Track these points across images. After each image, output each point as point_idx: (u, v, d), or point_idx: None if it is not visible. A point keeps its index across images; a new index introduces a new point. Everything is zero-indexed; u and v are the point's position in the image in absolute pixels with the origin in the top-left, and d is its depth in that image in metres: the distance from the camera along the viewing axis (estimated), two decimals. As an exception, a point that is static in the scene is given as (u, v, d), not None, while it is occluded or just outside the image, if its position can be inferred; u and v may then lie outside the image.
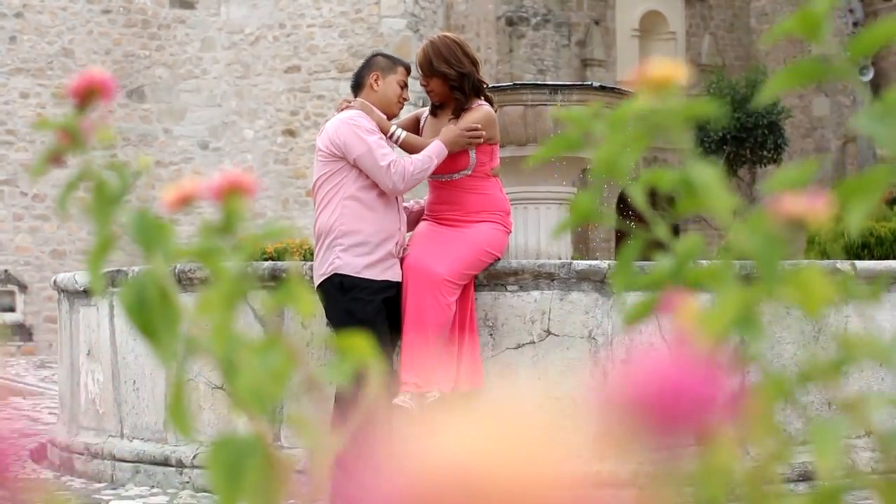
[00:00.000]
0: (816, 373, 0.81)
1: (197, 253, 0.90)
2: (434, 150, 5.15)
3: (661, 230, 0.92)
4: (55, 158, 1.02)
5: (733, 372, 0.74)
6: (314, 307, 0.86)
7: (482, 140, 5.23)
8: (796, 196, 0.82)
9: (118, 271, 6.08)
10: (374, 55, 5.55)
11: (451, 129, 5.22)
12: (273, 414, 0.83)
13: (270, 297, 0.90)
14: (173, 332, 0.86)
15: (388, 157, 5.05)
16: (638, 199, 0.94)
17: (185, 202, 0.95)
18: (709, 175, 0.87)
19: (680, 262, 0.89)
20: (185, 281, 5.80)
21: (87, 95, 1.01)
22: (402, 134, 5.28)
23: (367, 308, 5.01)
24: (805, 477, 5.23)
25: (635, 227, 0.98)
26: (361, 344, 0.86)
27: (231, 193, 0.93)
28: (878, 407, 0.79)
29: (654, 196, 0.96)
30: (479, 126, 5.21)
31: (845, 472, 0.77)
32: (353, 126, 5.11)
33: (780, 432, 0.78)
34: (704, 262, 0.94)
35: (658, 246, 0.94)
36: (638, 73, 0.90)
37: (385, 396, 5.01)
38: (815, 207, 0.82)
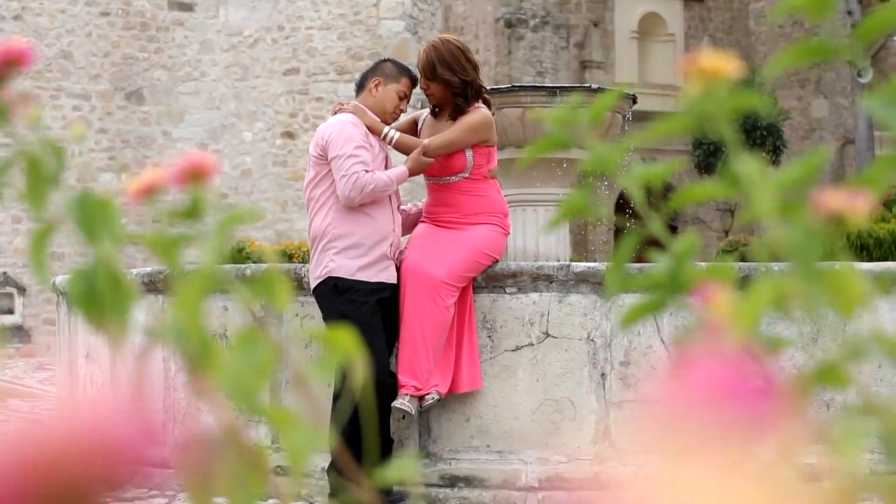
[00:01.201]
0: (827, 372, 0.81)
1: (153, 241, 0.87)
2: (395, 174, 5.15)
3: (656, 226, 0.92)
4: None
5: (772, 366, 0.73)
6: (289, 297, 0.83)
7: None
8: (836, 192, 0.82)
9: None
10: (384, 60, 5.53)
11: (417, 157, 5.22)
12: (254, 409, 0.81)
13: (248, 290, 0.88)
14: (125, 319, 0.82)
15: (351, 170, 5.03)
16: (634, 193, 0.93)
17: (151, 192, 0.92)
18: (753, 167, 0.86)
19: (677, 263, 0.89)
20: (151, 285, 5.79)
21: (6, 66, 0.98)
22: (396, 135, 5.27)
23: (361, 310, 5.01)
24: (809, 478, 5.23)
25: (633, 225, 0.98)
26: (346, 340, 0.85)
27: (194, 177, 0.90)
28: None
29: (651, 194, 0.96)
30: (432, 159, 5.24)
31: (861, 472, 0.77)
32: (339, 130, 5.11)
33: (811, 427, 0.78)
34: (703, 263, 0.94)
35: (655, 245, 0.94)
36: (688, 63, 0.90)
37: (380, 394, 5.01)
38: (855, 204, 0.81)
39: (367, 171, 5.04)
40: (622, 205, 20.93)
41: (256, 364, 0.81)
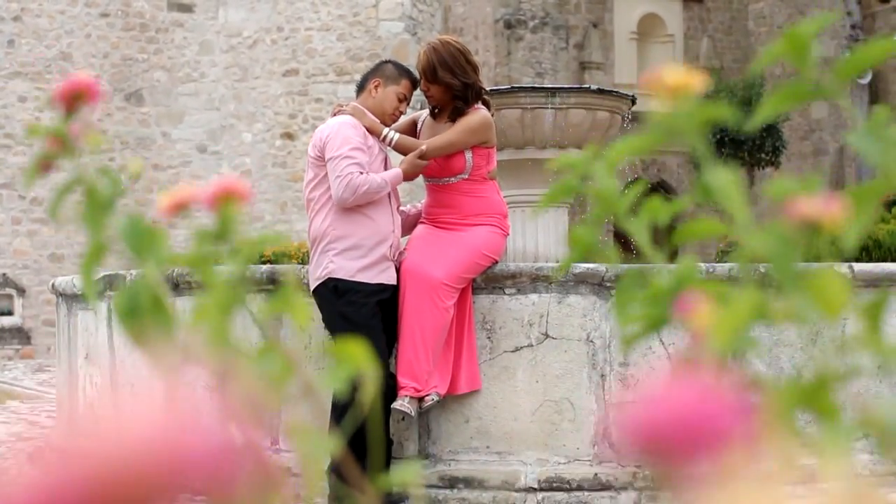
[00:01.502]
0: (829, 377, 0.81)
1: (190, 260, 0.90)
2: (390, 176, 5.15)
3: (658, 257, 0.92)
4: (46, 165, 1.02)
5: (742, 390, 0.73)
6: (309, 314, 0.85)
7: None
8: (811, 199, 0.82)
9: (115, 275, 6.08)
10: (385, 62, 5.53)
11: (413, 160, 5.22)
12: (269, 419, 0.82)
13: (266, 303, 0.90)
14: (167, 339, 0.85)
15: (344, 171, 5.03)
16: (640, 236, 0.94)
17: (181, 208, 0.95)
18: (725, 178, 0.87)
19: (677, 286, 0.90)
20: (182, 285, 5.80)
21: (75, 100, 1.00)
22: (396, 136, 5.28)
23: (361, 311, 5.01)
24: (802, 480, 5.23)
25: (634, 257, 0.99)
26: (357, 350, 0.86)
27: (226, 200, 0.93)
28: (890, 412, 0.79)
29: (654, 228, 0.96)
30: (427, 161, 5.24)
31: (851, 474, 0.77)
32: (335, 132, 5.11)
33: (800, 435, 0.78)
34: (703, 265, 0.94)
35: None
36: (654, 78, 0.90)
37: (380, 403, 5.01)
38: (830, 210, 0.82)
39: (361, 173, 5.03)
40: (620, 235, 20.87)
41: (272, 376, 0.82)
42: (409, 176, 5.25)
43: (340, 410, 4.89)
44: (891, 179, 0.84)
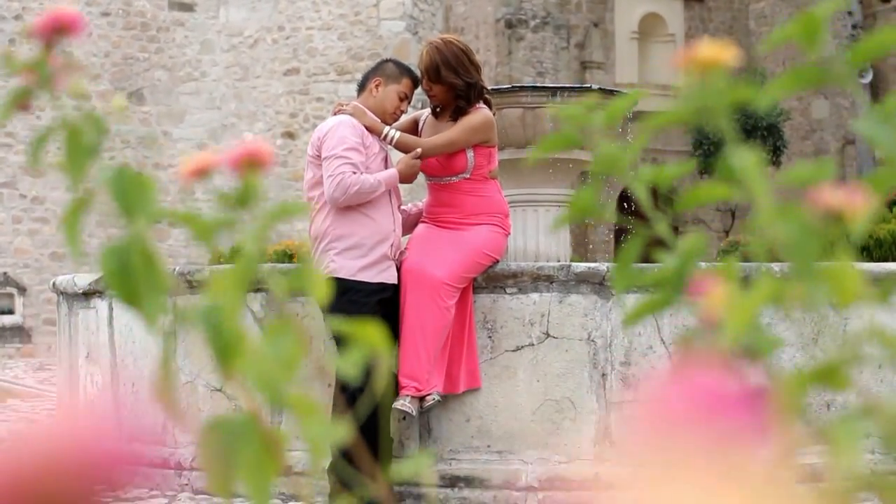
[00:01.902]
0: (826, 373, 0.81)
1: (185, 217, 0.87)
2: (385, 176, 5.14)
3: (662, 227, 0.92)
4: (22, 101, 0.96)
5: (760, 374, 0.73)
6: (326, 291, 0.83)
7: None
8: (835, 190, 0.82)
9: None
10: (386, 61, 5.53)
11: (409, 161, 5.22)
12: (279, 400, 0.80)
13: (284, 279, 0.88)
14: (159, 297, 0.82)
15: (337, 171, 5.02)
16: (640, 194, 0.93)
17: (203, 173, 0.93)
18: (749, 160, 0.86)
19: (682, 262, 0.89)
20: (195, 284, 5.80)
21: (55, 32, 0.96)
22: (397, 135, 5.27)
23: (362, 310, 5.01)
24: (810, 478, 5.23)
25: (635, 225, 0.98)
26: (372, 335, 0.85)
27: (249, 164, 0.91)
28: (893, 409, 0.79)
29: (654, 195, 0.96)
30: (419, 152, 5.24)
31: (858, 472, 0.77)
32: (332, 131, 5.11)
33: (808, 426, 0.78)
34: (704, 263, 0.94)
35: (659, 245, 0.94)
36: (686, 54, 0.90)
37: (389, 392, 5.02)
38: (853, 201, 0.81)
39: (354, 173, 5.03)
40: (623, 205, 20.94)
41: (285, 356, 0.81)
42: (405, 177, 5.23)
43: (349, 397, 4.88)
44: None
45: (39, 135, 0.93)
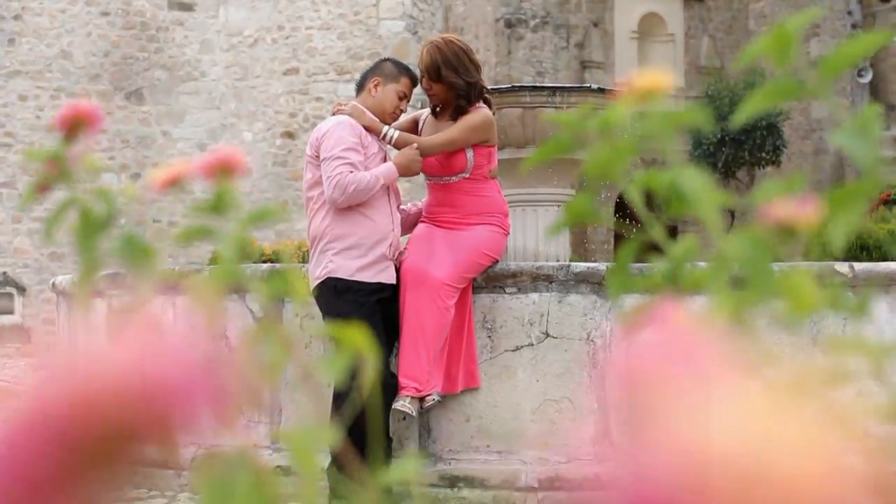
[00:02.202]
0: (816, 380, 0.81)
1: (182, 236, 0.90)
2: (383, 171, 5.13)
3: (657, 232, 0.92)
4: (42, 188, 1.03)
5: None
6: (308, 294, 0.85)
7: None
8: (785, 202, 0.83)
9: (116, 274, 6.08)
10: (384, 60, 5.52)
11: (406, 152, 5.21)
12: (265, 410, 0.81)
13: (266, 285, 0.89)
14: (147, 273, 0.86)
15: (335, 172, 5.02)
16: (635, 199, 0.93)
17: (175, 183, 0.94)
18: (697, 181, 0.86)
19: (676, 265, 0.89)
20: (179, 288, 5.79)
21: (75, 125, 1.01)
22: (396, 134, 5.27)
23: (361, 310, 5.01)
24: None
25: (632, 228, 0.98)
26: (357, 337, 0.86)
27: (222, 171, 0.92)
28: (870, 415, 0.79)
29: (650, 198, 0.96)
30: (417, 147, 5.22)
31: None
32: (330, 132, 5.11)
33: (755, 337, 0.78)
34: (702, 264, 0.94)
35: (654, 249, 0.93)
36: (627, 81, 0.90)
37: (379, 394, 5.02)
38: (803, 212, 0.82)
39: (351, 172, 5.02)
40: (621, 206, 20.94)
41: (267, 363, 0.82)
42: (403, 170, 5.21)
43: (340, 400, 4.89)
44: (874, 179, 0.84)
45: (55, 212, 0.99)
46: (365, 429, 4.82)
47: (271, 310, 5.44)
